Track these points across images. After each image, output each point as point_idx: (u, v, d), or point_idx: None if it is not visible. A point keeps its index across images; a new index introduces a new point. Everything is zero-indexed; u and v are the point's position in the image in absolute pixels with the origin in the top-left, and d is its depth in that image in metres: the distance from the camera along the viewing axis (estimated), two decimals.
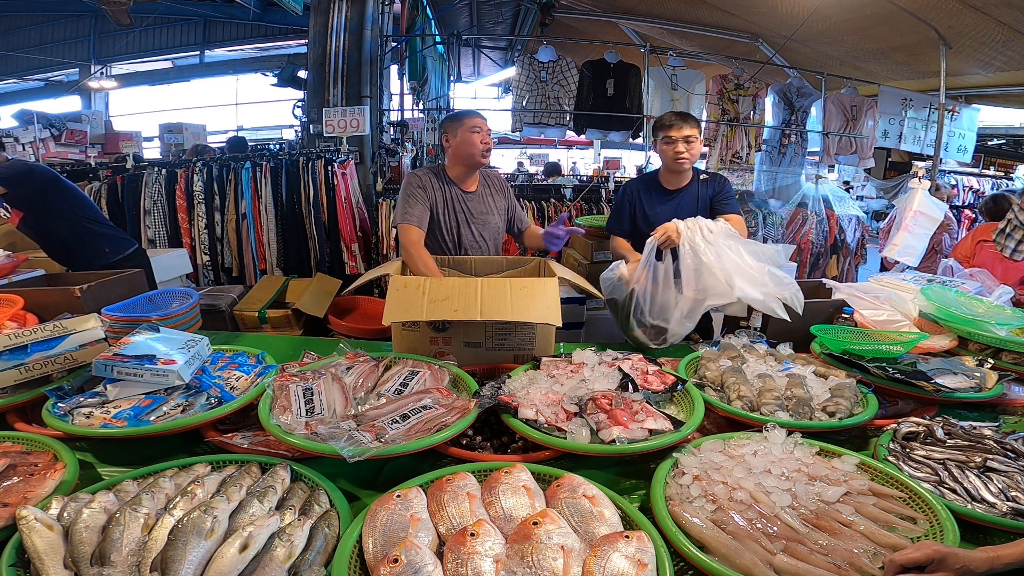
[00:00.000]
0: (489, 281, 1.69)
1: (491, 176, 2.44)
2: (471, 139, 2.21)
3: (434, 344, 1.72)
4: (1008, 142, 9.65)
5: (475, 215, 2.32)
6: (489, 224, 2.35)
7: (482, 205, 2.34)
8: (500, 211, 2.40)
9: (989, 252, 2.67)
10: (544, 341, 1.76)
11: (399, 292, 1.63)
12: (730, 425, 1.43)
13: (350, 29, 4.37)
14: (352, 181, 4.20)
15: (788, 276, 1.91)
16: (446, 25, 7.29)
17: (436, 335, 1.71)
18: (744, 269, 1.86)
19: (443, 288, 1.63)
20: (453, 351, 1.71)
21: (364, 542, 0.92)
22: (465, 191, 2.31)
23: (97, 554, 0.87)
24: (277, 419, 1.22)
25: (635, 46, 5.50)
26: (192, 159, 4.21)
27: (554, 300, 1.63)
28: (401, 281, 1.67)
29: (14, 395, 1.38)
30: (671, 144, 2.28)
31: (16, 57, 9.26)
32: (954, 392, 1.51)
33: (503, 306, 1.58)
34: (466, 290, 1.62)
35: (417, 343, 1.72)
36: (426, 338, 1.71)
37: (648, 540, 0.92)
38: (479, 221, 2.33)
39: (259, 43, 10.04)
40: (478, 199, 2.33)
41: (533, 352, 1.74)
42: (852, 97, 5.39)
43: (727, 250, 1.91)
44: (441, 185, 2.29)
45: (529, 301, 1.61)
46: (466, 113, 2.29)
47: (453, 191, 2.29)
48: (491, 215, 2.36)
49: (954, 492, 1.12)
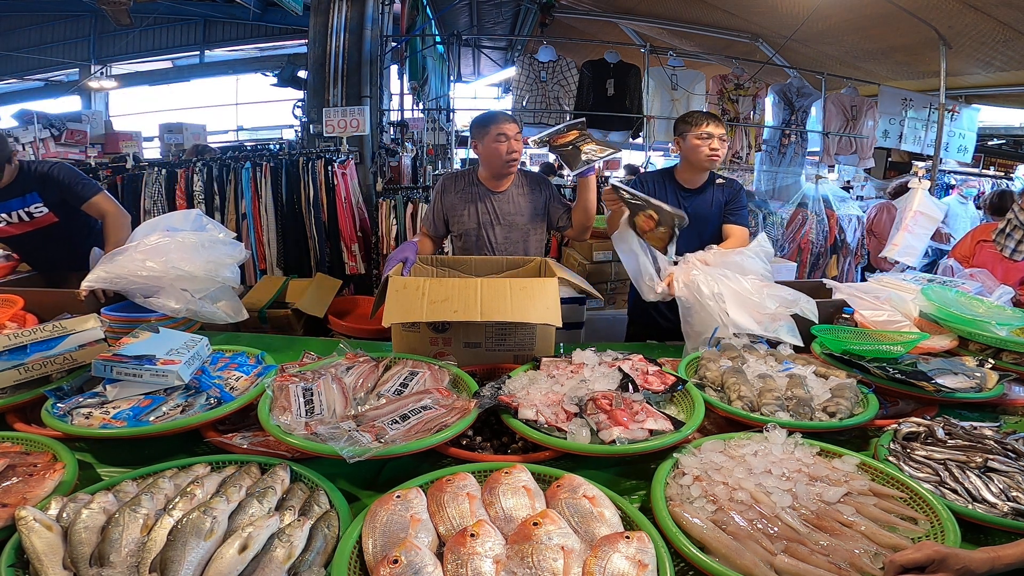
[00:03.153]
0: (489, 281, 1.68)
1: (528, 176, 2.38)
2: (496, 149, 2.18)
3: (434, 345, 1.71)
4: (1008, 142, 9.64)
5: (500, 216, 2.29)
6: (516, 225, 2.30)
7: (510, 206, 2.30)
8: (529, 212, 2.31)
9: (989, 252, 2.66)
10: (544, 341, 1.76)
11: (399, 293, 1.63)
12: (730, 425, 1.42)
13: (350, 29, 4.36)
14: (352, 181, 4.20)
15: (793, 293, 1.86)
16: (446, 25, 7.30)
17: (436, 336, 1.71)
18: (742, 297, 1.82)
19: (443, 289, 1.63)
20: (453, 352, 1.70)
21: (364, 543, 0.92)
22: (493, 191, 2.29)
23: (96, 555, 0.87)
24: (277, 419, 1.22)
25: (635, 46, 5.50)
26: (192, 159, 4.20)
27: (554, 300, 1.63)
28: (401, 282, 1.67)
29: (13, 395, 1.38)
30: (706, 140, 2.23)
31: (16, 57, 9.26)
32: (954, 392, 1.51)
33: (503, 307, 1.58)
34: (466, 291, 1.62)
35: (417, 343, 1.72)
36: (426, 339, 1.71)
37: (648, 540, 0.91)
38: (506, 223, 2.29)
39: (259, 43, 10.04)
40: (507, 199, 2.30)
41: (533, 352, 1.73)
42: (852, 97, 5.39)
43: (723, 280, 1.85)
44: (467, 187, 2.29)
45: (529, 301, 1.60)
46: (491, 119, 2.22)
47: (479, 191, 2.28)
48: (519, 216, 2.30)
49: (955, 492, 1.12)
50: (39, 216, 2.31)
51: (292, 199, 4.09)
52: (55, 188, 2.31)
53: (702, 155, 2.25)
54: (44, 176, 2.30)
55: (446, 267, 2.14)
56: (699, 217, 2.29)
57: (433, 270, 2.13)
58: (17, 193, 2.27)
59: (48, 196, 2.30)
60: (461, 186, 2.31)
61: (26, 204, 2.27)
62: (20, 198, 2.28)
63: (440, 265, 2.13)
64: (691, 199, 2.33)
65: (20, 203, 2.27)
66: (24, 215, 2.29)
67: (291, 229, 4.12)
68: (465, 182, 2.32)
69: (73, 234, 2.45)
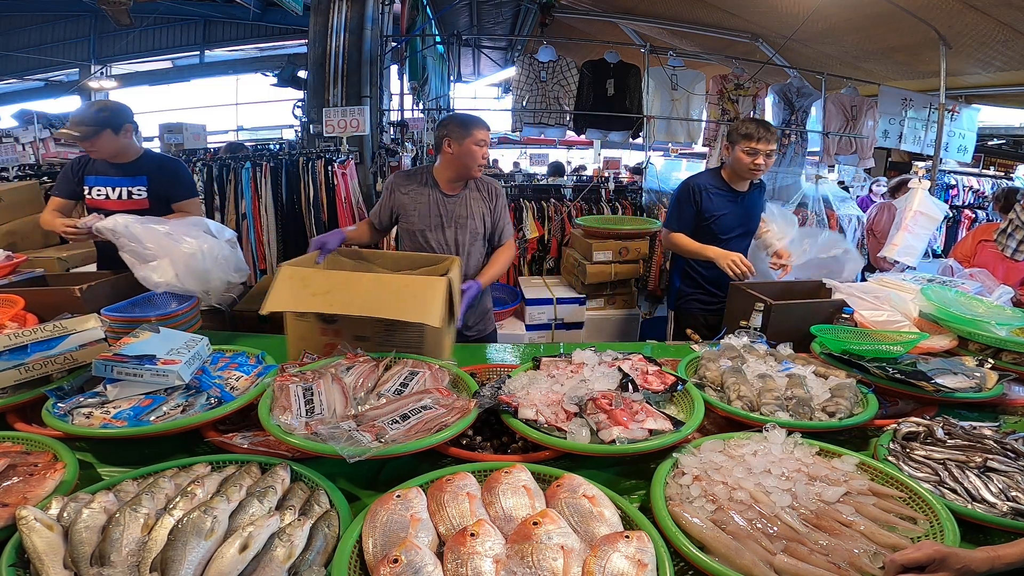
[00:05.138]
0: (378, 276, 1.70)
1: (484, 182, 2.34)
2: (474, 152, 2.16)
3: (324, 335, 1.70)
4: (1008, 142, 9.65)
5: (452, 218, 2.25)
6: (467, 228, 2.27)
7: (463, 209, 2.27)
8: (480, 217, 2.30)
9: (990, 252, 2.67)
10: (433, 342, 1.70)
11: (283, 283, 1.63)
12: (730, 425, 1.43)
13: (350, 29, 4.37)
14: (352, 181, 4.20)
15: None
16: (446, 25, 7.30)
17: (326, 326, 1.70)
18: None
19: (328, 281, 1.63)
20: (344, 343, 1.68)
21: (364, 542, 0.92)
22: (447, 194, 2.26)
23: (97, 554, 0.87)
24: (277, 419, 1.22)
25: (635, 46, 5.50)
26: (192, 160, 4.20)
27: (438, 300, 1.59)
28: (288, 271, 1.66)
29: (14, 395, 1.37)
30: (753, 156, 2.39)
31: (16, 57, 9.27)
32: (954, 392, 1.51)
33: (382, 303, 1.58)
34: (350, 285, 1.62)
35: (308, 333, 1.71)
36: (316, 329, 1.70)
37: (648, 540, 0.91)
38: (456, 225, 2.26)
39: (259, 43, 10.05)
40: (459, 202, 2.27)
41: (422, 351, 1.70)
42: (852, 97, 5.39)
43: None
44: (420, 186, 2.26)
45: (412, 300, 1.58)
46: (474, 123, 2.18)
47: (433, 194, 2.25)
48: (471, 219, 2.27)
49: (954, 492, 1.12)
50: (137, 199, 2.43)
51: (292, 199, 4.09)
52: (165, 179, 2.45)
53: (743, 167, 2.44)
54: (161, 165, 2.48)
55: (362, 259, 2.11)
56: (748, 217, 2.58)
57: (348, 261, 2.09)
58: (132, 172, 2.41)
59: (154, 184, 2.43)
60: (413, 185, 2.27)
61: (135, 184, 2.42)
62: (132, 178, 2.41)
63: (349, 257, 2.10)
64: (740, 201, 2.55)
65: (130, 182, 2.41)
66: (126, 193, 2.42)
67: (291, 229, 4.12)
68: (418, 182, 2.27)
69: None
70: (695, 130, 5.27)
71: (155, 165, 2.45)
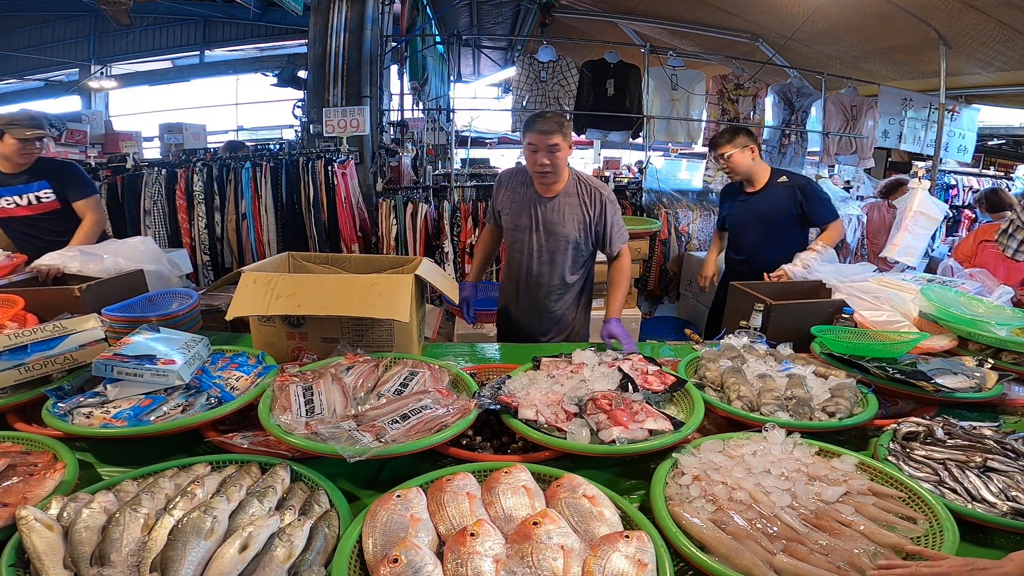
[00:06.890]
0: (343, 277, 1.72)
1: (588, 187, 2.14)
2: (528, 157, 2.06)
3: (291, 339, 1.71)
4: (1008, 142, 9.64)
5: (542, 222, 2.15)
6: (556, 234, 2.14)
7: (554, 214, 2.13)
8: (572, 223, 2.13)
9: (991, 252, 2.67)
10: (404, 339, 1.70)
11: (246, 288, 1.63)
12: (730, 425, 1.43)
13: (350, 29, 4.37)
14: (352, 181, 4.20)
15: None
16: (446, 25, 7.30)
17: (292, 330, 1.70)
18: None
19: (291, 284, 1.63)
20: (310, 347, 1.69)
21: (364, 542, 0.92)
22: (541, 196, 2.14)
23: (97, 554, 0.87)
24: (277, 419, 1.22)
25: (635, 46, 5.50)
26: (192, 159, 4.21)
27: (404, 297, 1.60)
28: (251, 277, 1.67)
29: (14, 395, 1.37)
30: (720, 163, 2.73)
31: (16, 57, 9.27)
32: (954, 392, 1.51)
33: (348, 302, 1.59)
34: (314, 286, 1.63)
35: (274, 338, 1.71)
36: (282, 332, 1.70)
37: (648, 540, 0.92)
38: (545, 230, 2.15)
39: (259, 43, 10.04)
40: (553, 207, 2.13)
41: (392, 349, 1.70)
42: (852, 97, 5.39)
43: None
44: (519, 186, 2.19)
45: (378, 298, 1.59)
46: (529, 124, 2.03)
47: (529, 194, 2.16)
48: (560, 226, 2.13)
49: (954, 492, 1.12)
50: (47, 201, 2.63)
51: (292, 199, 4.09)
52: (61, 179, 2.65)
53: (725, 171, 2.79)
54: (56, 167, 2.69)
55: (328, 264, 2.12)
56: (761, 215, 2.71)
57: (314, 266, 2.10)
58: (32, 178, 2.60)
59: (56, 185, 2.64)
60: (514, 185, 2.20)
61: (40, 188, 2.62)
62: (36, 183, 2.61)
63: (315, 262, 2.12)
64: (751, 199, 2.75)
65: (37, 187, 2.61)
66: (34, 198, 2.62)
67: (291, 229, 4.12)
68: (518, 181, 2.20)
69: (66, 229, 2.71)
70: (695, 130, 5.28)
71: (52, 168, 2.65)
